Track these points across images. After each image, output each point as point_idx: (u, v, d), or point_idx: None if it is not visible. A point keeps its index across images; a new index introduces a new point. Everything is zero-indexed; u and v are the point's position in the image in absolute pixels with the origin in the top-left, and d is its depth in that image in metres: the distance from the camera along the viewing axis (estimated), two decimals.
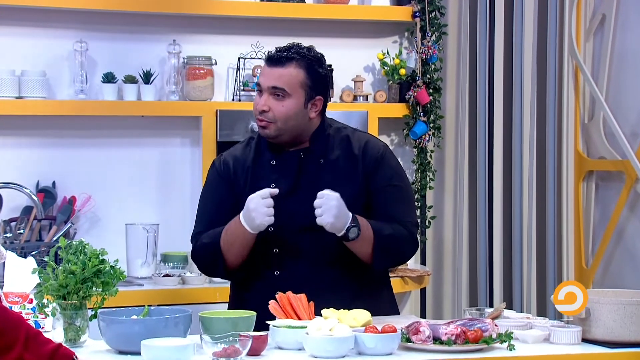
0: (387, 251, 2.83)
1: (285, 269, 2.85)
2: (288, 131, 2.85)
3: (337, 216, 2.72)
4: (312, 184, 2.85)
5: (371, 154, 2.90)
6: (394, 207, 2.88)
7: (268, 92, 2.84)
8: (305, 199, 2.83)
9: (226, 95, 4.40)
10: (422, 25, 4.51)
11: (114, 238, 4.04)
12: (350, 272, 2.86)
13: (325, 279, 2.84)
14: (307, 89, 2.85)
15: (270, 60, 2.87)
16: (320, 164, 2.89)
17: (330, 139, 2.92)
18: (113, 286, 2.50)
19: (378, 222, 2.82)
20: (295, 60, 2.84)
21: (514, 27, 4.53)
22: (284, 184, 2.86)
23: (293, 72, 2.83)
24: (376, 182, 2.88)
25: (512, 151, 4.55)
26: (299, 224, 2.84)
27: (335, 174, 2.87)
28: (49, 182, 4.13)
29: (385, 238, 2.81)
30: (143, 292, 3.76)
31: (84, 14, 4.17)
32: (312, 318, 2.56)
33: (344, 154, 2.90)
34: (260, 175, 2.90)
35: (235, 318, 2.50)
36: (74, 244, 2.50)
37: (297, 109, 2.84)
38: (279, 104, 2.83)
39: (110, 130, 4.23)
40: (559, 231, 4.49)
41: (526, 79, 4.51)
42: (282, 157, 2.90)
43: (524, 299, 4.50)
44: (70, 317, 2.45)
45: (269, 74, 2.85)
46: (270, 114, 2.84)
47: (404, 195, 2.93)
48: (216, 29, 4.36)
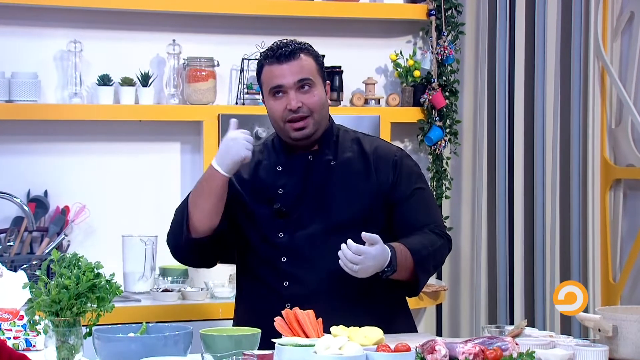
0: (428, 269, 2.85)
1: (295, 280, 2.86)
2: (322, 123, 2.89)
3: (371, 272, 2.72)
4: (323, 188, 2.87)
5: (387, 158, 2.91)
6: (423, 213, 2.90)
7: (294, 89, 2.85)
8: (316, 203, 2.85)
9: (229, 99, 4.41)
10: (438, 24, 4.52)
11: (109, 250, 4.05)
12: (367, 284, 2.85)
13: (337, 290, 2.84)
14: (322, 74, 2.91)
15: (279, 58, 2.87)
16: (331, 166, 2.90)
17: (339, 140, 2.95)
18: (109, 302, 2.51)
19: (415, 242, 2.82)
20: (302, 50, 2.88)
21: (536, 26, 4.53)
22: (291, 189, 2.88)
23: (308, 61, 2.87)
24: (401, 190, 2.89)
25: (534, 158, 4.56)
26: (310, 230, 2.85)
27: (347, 176, 2.89)
28: (40, 191, 4.14)
29: (424, 259, 2.82)
30: (141, 308, 3.76)
31: (78, 12, 4.19)
32: (321, 336, 2.56)
33: (355, 156, 2.92)
34: (264, 183, 2.91)
35: (239, 336, 2.50)
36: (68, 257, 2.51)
37: (324, 95, 2.90)
38: (309, 95, 2.86)
39: (106, 135, 4.24)
40: (584, 243, 4.49)
41: (549, 81, 4.52)
42: (290, 161, 2.92)
43: (546, 315, 4.50)
44: (64, 335, 2.46)
45: (286, 71, 2.86)
46: (304, 109, 2.85)
47: (428, 196, 2.97)
48: (219, 28, 4.37)
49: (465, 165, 4.67)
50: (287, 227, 2.86)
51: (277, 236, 2.86)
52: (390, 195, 2.88)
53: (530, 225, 4.57)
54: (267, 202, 2.88)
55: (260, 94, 4.27)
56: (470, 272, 4.66)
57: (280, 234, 2.86)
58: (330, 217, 2.83)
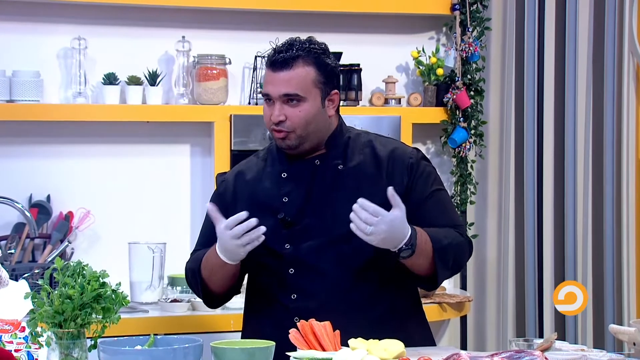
0: (448, 262, 2.83)
1: (303, 292, 2.85)
2: (310, 137, 2.86)
3: (385, 239, 2.70)
4: (330, 194, 2.85)
5: (402, 161, 2.90)
6: (442, 215, 2.90)
7: (280, 101, 2.84)
8: (323, 211, 2.84)
9: (241, 99, 4.42)
10: (462, 19, 4.51)
11: (115, 258, 4.06)
12: (378, 294, 2.86)
13: (349, 302, 2.83)
14: (321, 85, 2.85)
15: (273, 65, 2.86)
16: (339, 171, 2.89)
17: (349, 143, 2.93)
18: (115, 312, 2.51)
19: (436, 232, 2.82)
20: (301, 57, 2.84)
21: (567, 21, 4.52)
22: (297, 197, 2.86)
23: (302, 72, 2.83)
24: (418, 193, 2.88)
25: (565, 161, 4.54)
26: (317, 240, 2.83)
27: (357, 181, 2.87)
28: (43, 195, 4.16)
29: (445, 249, 2.81)
30: (148, 319, 3.77)
31: (83, 8, 4.21)
32: (338, 349, 2.56)
33: (367, 159, 2.90)
34: (268, 192, 2.90)
35: (252, 348, 2.50)
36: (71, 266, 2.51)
37: (316, 110, 2.84)
38: (295, 110, 2.83)
39: (112, 137, 4.25)
40: (619, 250, 4.47)
41: (580, 78, 4.50)
42: (295, 167, 2.90)
43: (578, 328, 4.48)
44: (67, 348, 2.47)
45: (276, 80, 2.84)
46: (287, 123, 2.84)
47: (446, 198, 2.96)
48: (230, 24, 4.38)
49: (491, 168, 4.66)
50: (293, 237, 2.85)
51: (284, 247, 2.85)
52: (406, 199, 2.85)
53: (561, 232, 4.56)
54: (272, 212, 2.86)
55: None
56: (496, 281, 4.65)
57: (287, 244, 2.85)
58: (339, 225, 2.79)
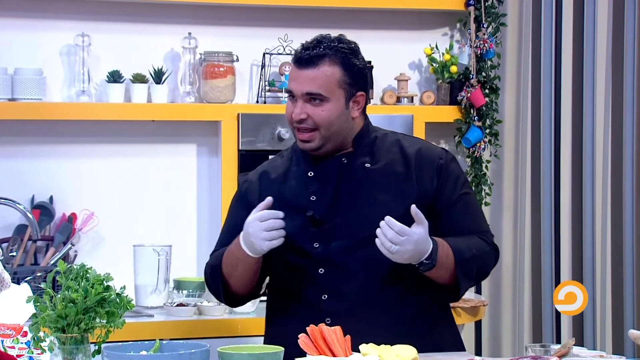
0: (471, 273, 2.85)
1: (334, 292, 2.86)
2: (332, 138, 2.87)
3: (408, 258, 2.74)
4: (358, 193, 2.87)
5: (431, 162, 2.91)
6: (470, 220, 2.92)
7: (303, 99, 2.86)
8: (351, 210, 2.85)
9: (249, 97, 4.42)
10: (477, 14, 4.51)
11: (120, 261, 4.07)
12: (408, 295, 2.87)
13: (378, 303, 2.84)
14: (346, 86, 2.86)
15: (299, 62, 2.87)
16: (367, 169, 2.90)
17: (376, 142, 2.94)
18: (119, 317, 2.52)
19: (459, 243, 2.83)
20: (328, 56, 2.85)
21: (585, 16, 4.52)
22: (324, 195, 2.88)
23: (327, 72, 2.84)
24: (446, 196, 2.90)
25: (583, 161, 4.54)
26: (346, 240, 2.85)
27: (386, 180, 2.89)
28: (45, 197, 4.17)
29: (467, 261, 2.83)
30: (153, 323, 3.78)
31: (86, 4, 4.22)
32: (349, 354, 2.56)
33: (394, 158, 2.92)
34: (294, 191, 2.92)
35: (260, 354, 2.50)
36: (75, 269, 2.52)
37: (339, 111, 2.86)
38: (317, 109, 2.85)
39: (116, 137, 4.26)
40: (639, 253, 4.46)
41: (599, 76, 4.50)
42: (322, 166, 2.92)
43: (597, 333, 4.48)
44: (71, 353, 2.47)
45: (300, 77, 2.86)
46: (309, 121, 2.85)
47: (475, 202, 2.99)
48: (238, 20, 4.39)
49: (506, 169, 4.66)
50: (322, 236, 2.86)
51: (312, 246, 2.87)
52: (434, 201, 2.88)
53: (579, 235, 4.55)
54: (299, 211, 2.88)
55: (282, 92, 4.30)
56: (512, 285, 4.64)
57: (315, 243, 2.87)
58: (368, 225, 2.81)
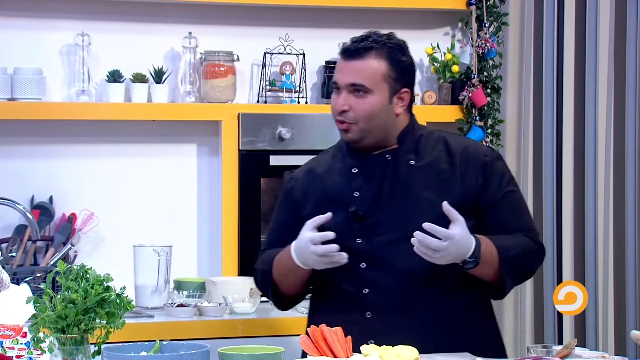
0: (516, 272, 2.87)
1: (376, 287, 2.89)
2: (373, 132, 2.91)
3: (455, 257, 2.76)
4: (402, 190, 2.89)
5: (476, 159, 2.92)
6: (515, 218, 2.93)
7: (347, 90, 2.89)
8: (395, 206, 2.88)
9: (250, 97, 4.42)
10: (479, 14, 4.51)
11: (120, 262, 4.07)
12: (450, 293, 2.88)
13: (420, 298, 2.86)
14: (391, 81, 2.90)
15: (345, 53, 2.93)
16: (411, 166, 2.92)
17: (422, 140, 2.96)
18: (119, 317, 2.52)
19: (504, 241, 2.85)
20: (375, 49, 2.90)
21: (587, 16, 4.51)
22: (368, 191, 2.91)
23: (373, 64, 2.89)
24: (491, 194, 2.91)
25: (585, 161, 4.53)
26: (389, 235, 2.87)
27: (430, 177, 2.91)
28: (45, 197, 4.17)
29: (512, 259, 2.84)
30: (154, 324, 3.78)
31: (86, 3, 4.22)
32: (350, 355, 2.56)
33: (439, 156, 2.94)
34: (338, 186, 2.95)
35: (261, 355, 2.51)
36: (75, 269, 2.52)
37: (382, 105, 2.89)
38: (360, 101, 2.88)
39: (116, 137, 4.26)
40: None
41: (601, 76, 4.49)
42: (366, 162, 2.95)
43: (599, 334, 4.47)
44: (70, 354, 2.47)
45: (346, 68, 2.91)
46: (351, 114, 2.90)
47: (520, 200, 2.99)
48: (238, 20, 4.39)
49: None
50: (365, 232, 2.90)
51: (355, 242, 2.90)
52: (479, 199, 2.90)
53: (581, 236, 4.55)
54: (343, 206, 2.92)
55: (283, 92, 4.31)
56: None
57: (358, 239, 2.90)
58: (411, 221, 2.84)
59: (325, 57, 4.41)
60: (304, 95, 4.35)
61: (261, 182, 4.23)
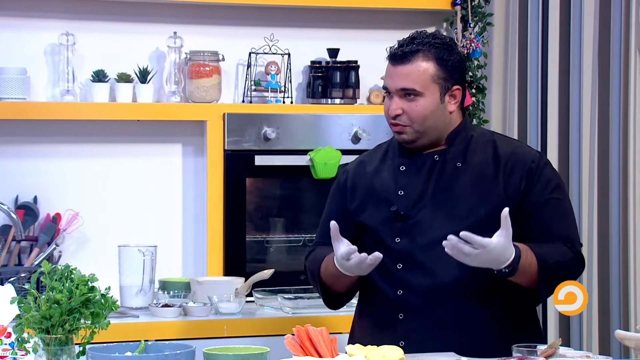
0: (552, 281, 2.83)
1: (409, 288, 2.89)
2: (427, 133, 2.93)
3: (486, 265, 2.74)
4: (446, 191, 2.90)
5: (523, 164, 2.92)
6: (557, 225, 2.91)
7: (398, 95, 2.92)
8: (436, 207, 2.89)
9: (235, 97, 4.42)
10: (464, 14, 4.52)
11: (105, 262, 4.06)
12: (486, 297, 2.87)
13: (454, 302, 2.86)
14: (441, 81, 2.91)
15: (393, 58, 2.95)
16: (458, 168, 2.93)
17: (472, 141, 2.97)
18: (104, 318, 2.52)
19: (544, 249, 2.84)
20: (421, 52, 2.91)
21: (572, 16, 4.53)
22: (412, 191, 2.92)
23: (421, 67, 2.90)
24: (533, 199, 2.90)
25: (569, 163, 4.54)
26: (429, 236, 2.88)
27: (475, 180, 2.91)
28: (29, 197, 4.16)
29: (550, 269, 2.83)
30: (139, 324, 3.77)
31: (71, 2, 4.21)
32: (335, 355, 2.57)
33: (487, 159, 2.94)
34: (385, 184, 2.97)
35: (246, 355, 2.51)
36: (59, 269, 2.52)
37: (434, 106, 2.91)
38: (412, 104, 2.91)
39: (101, 137, 4.25)
40: (625, 254, 4.47)
41: (585, 76, 4.51)
42: (414, 161, 2.96)
43: (583, 333, 4.48)
44: (55, 354, 2.47)
45: (395, 74, 2.93)
46: (404, 118, 2.91)
47: (566, 209, 2.96)
48: (224, 19, 4.38)
49: None
50: (405, 232, 2.91)
51: (394, 241, 2.92)
52: (521, 204, 2.89)
53: None
54: (386, 204, 2.94)
55: (268, 92, 4.31)
56: None
57: (397, 238, 2.91)
58: (452, 222, 2.85)
59: (311, 57, 4.42)
60: (290, 95, 4.35)
61: (246, 182, 4.23)
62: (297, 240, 4.32)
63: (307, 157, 4.22)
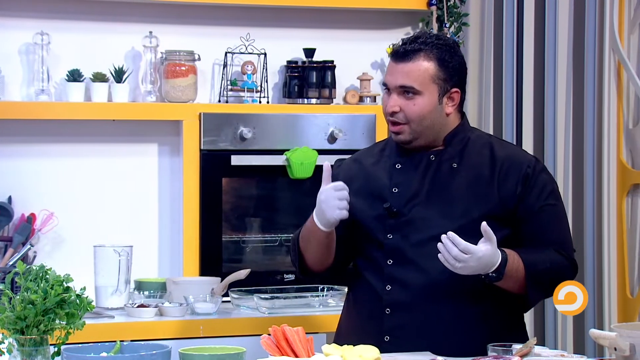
0: (542, 287, 2.86)
1: (398, 284, 2.91)
2: (424, 133, 2.93)
3: (473, 272, 2.76)
4: (440, 191, 2.91)
5: (519, 169, 2.92)
6: (552, 231, 2.92)
7: (397, 92, 2.92)
8: (430, 206, 2.90)
9: (211, 96, 4.41)
10: (439, 14, 4.53)
11: (80, 262, 4.04)
12: (476, 295, 2.88)
13: (443, 299, 2.87)
14: (441, 82, 2.92)
15: (395, 56, 2.95)
16: (453, 168, 2.94)
17: (469, 143, 2.98)
18: (79, 318, 2.51)
19: (533, 255, 2.85)
20: (423, 51, 2.92)
21: (546, 17, 4.55)
22: (406, 189, 2.93)
23: (422, 66, 2.91)
24: (529, 204, 2.91)
25: (544, 161, 4.56)
26: (421, 234, 2.89)
27: (470, 181, 2.92)
28: (4, 197, 4.14)
29: (539, 274, 2.84)
30: (114, 325, 3.76)
31: (46, 1, 4.19)
32: (311, 355, 2.57)
33: (483, 161, 2.94)
34: (380, 181, 2.98)
35: (222, 355, 2.50)
36: (34, 269, 2.51)
37: (431, 106, 2.92)
38: (409, 103, 2.91)
39: (76, 136, 4.24)
40: (599, 255, 4.50)
41: (560, 77, 4.53)
42: (410, 160, 2.97)
43: (558, 333, 4.50)
44: (30, 355, 2.46)
45: (395, 71, 2.93)
46: (401, 115, 2.92)
47: (561, 214, 2.97)
48: (200, 19, 4.38)
49: None
50: (397, 228, 2.92)
51: (386, 237, 2.93)
52: (516, 208, 2.90)
53: None
54: (380, 201, 2.95)
55: (244, 91, 4.30)
56: None
57: (389, 235, 2.93)
58: (445, 222, 2.86)
59: (287, 57, 4.42)
60: (266, 95, 4.35)
61: (222, 182, 4.22)
62: (273, 240, 4.32)
63: (283, 157, 4.22)
